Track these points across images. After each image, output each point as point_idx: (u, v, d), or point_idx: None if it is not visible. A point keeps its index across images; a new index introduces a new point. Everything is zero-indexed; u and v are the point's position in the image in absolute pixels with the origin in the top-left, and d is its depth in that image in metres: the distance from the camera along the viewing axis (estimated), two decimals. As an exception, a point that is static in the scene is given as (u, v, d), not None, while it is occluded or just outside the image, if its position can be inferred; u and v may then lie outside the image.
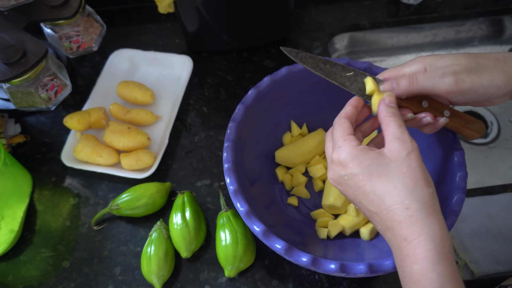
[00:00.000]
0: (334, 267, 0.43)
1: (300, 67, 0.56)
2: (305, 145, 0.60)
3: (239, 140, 0.53)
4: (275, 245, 0.45)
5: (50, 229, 0.60)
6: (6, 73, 0.51)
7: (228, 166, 0.50)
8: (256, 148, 0.59)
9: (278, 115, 0.61)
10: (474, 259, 0.57)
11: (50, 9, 0.57)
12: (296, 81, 0.57)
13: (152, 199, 0.58)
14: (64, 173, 0.64)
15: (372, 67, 0.55)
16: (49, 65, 0.56)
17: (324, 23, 0.80)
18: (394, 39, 0.86)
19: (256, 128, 0.57)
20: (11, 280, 0.56)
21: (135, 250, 0.58)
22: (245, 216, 0.46)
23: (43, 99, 0.57)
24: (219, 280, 0.55)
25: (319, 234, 0.56)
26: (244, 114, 0.53)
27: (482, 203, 0.62)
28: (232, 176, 0.49)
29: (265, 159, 0.61)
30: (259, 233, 0.45)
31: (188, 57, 0.71)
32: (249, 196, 0.52)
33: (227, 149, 0.51)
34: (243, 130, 0.54)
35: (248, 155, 0.56)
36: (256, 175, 0.58)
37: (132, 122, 0.66)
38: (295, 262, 0.45)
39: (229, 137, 0.52)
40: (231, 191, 0.48)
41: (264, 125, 0.59)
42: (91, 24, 0.65)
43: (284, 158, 0.60)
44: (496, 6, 0.83)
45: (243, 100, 0.54)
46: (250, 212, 0.47)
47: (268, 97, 0.56)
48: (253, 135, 0.57)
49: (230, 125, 0.52)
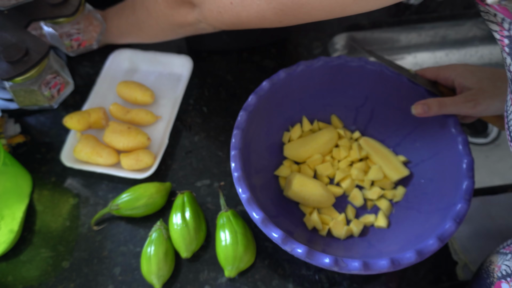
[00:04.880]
0: (329, 261, 0.44)
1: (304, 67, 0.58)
2: (314, 141, 0.61)
3: (244, 148, 0.53)
4: (272, 234, 0.46)
5: (50, 229, 0.60)
6: (9, 71, 0.51)
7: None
8: (265, 141, 0.60)
9: (289, 111, 0.62)
10: (474, 259, 0.57)
11: (51, 7, 0.57)
12: (308, 78, 0.59)
13: (152, 199, 0.58)
14: (64, 173, 0.64)
15: (368, 63, 0.58)
16: (51, 63, 0.56)
17: (324, 23, 0.80)
18: (394, 39, 0.86)
19: (263, 123, 0.59)
20: (11, 280, 0.56)
21: (135, 250, 0.58)
22: (246, 203, 0.47)
23: (46, 97, 0.57)
24: (219, 280, 0.55)
25: (307, 224, 0.57)
26: (248, 118, 0.54)
27: (482, 203, 0.62)
28: (238, 163, 0.50)
29: (273, 152, 0.62)
30: (258, 220, 0.47)
31: (188, 57, 0.71)
32: (252, 185, 0.52)
33: (235, 158, 0.51)
34: (252, 122, 0.55)
35: (255, 147, 0.57)
36: (262, 166, 0.58)
37: (132, 122, 0.66)
38: (291, 252, 0.46)
39: (235, 146, 0.52)
40: (235, 177, 0.49)
41: (273, 121, 0.60)
42: (91, 22, 0.64)
43: (292, 152, 0.61)
44: (496, 6, 0.83)
45: (245, 106, 0.55)
46: (251, 199, 0.47)
47: (281, 91, 0.58)
48: (261, 128, 0.58)
49: (234, 133, 0.53)
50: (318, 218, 0.56)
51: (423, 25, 0.84)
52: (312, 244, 0.52)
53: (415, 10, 0.83)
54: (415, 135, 0.59)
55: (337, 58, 0.58)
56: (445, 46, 0.89)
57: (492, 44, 0.89)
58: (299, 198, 0.57)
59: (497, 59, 0.89)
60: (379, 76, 0.58)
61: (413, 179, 0.58)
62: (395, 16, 0.82)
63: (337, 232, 0.55)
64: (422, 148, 0.58)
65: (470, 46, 0.89)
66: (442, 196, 0.52)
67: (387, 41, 0.86)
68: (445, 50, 0.89)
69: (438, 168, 0.55)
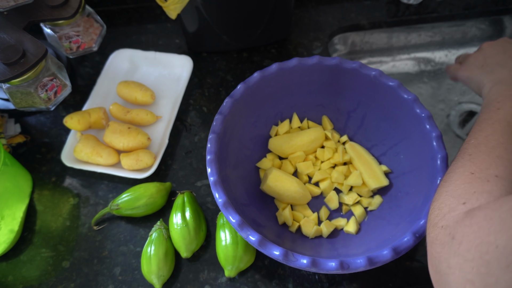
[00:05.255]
0: (306, 262, 0.44)
1: (290, 65, 0.58)
2: (300, 138, 0.61)
3: (224, 133, 0.54)
4: (249, 238, 0.46)
5: (50, 229, 0.60)
6: (5, 73, 0.51)
7: (211, 157, 0.51)
8: (251, 131, 0.60)
9: (280, 105, 0.62)
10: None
11: (50, 9, 0.57)
12: (297, 75, 0.59)
13: (152, 199, 0.58)
14: (64, 173, 0.64)
15: (362, 67, 0.57)
16: (49, 65, 0.56)
17: (324, 23, 0.80)
18: (394, 39, 0.86)
19: (251, 113, 0.59)
20: (11, 280, 0.56)
21: (135, 250, 0.58)
22: (223, 208, 0.47)
23: (43, 99, 0.57)
24: (219, 280, 0.55)
25: (278, 219, 0.57)
26: (233, 106, 0.55)
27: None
28: (214, 168, 0.50)
29: (258, 144, 0.62)
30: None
31: (188, 57, 0.71)
32: (224, 170, 0.53)
33: (211, 141, 0.52)
34: (238, 110, 0.56)
35: (239, 135, 0.58)
36: (245, 156, 0.59)
37: (132, 122, 0.66)
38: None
39: (214, 129, 0.53)
40: (211, 182, 0.49)
41: (261, 114, 0.61)
42: (91, 24, 0.64)
43: (276, 146, 0.61)
44: (496, 6, 0.83)
45: (232, 94, 0.56)
46: (228, 203, 0.48)
47: (273, 84, 0.59)
48: (247, 117, 0.59)
49: (216, 117, 0.54)
50: (289, 214, 0.56)
51: (422, 25, 0.84)
52: (280, 239, 0.52)
53: (415, 10, 0.83)
54: (400, 147, 0.58)
55: (332, 58, 0.58)
56: (445, 46, 0.89)
57: (492, 44, 0.89)
58: (274, 193, 0.58)
59: (497, 59, 0.89)
60: (373, 82, 0.58)
61: (391, 190, 0.58)
62: (395, 16, 0.82)
63: (306, 230, 0.56)
64: (405, 160, 0.58)
65: (470, 46, 0.89)
66: (412, 210, 0.51)
67: (387, 41, 0.86)
68: (445, 50, 0.89)
69: (415, 182, 0.54)
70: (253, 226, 0.48)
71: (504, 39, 0.55)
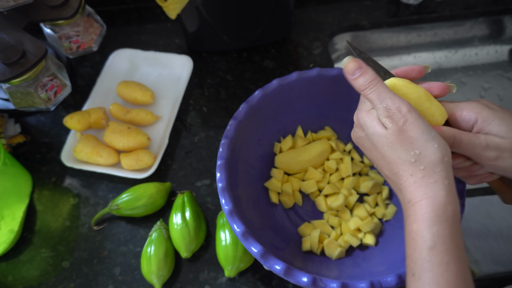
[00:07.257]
0: (307, 280, 0.43)
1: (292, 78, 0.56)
2: (307, 153, 0.60)
3: (231, 157, 0.52)
4: (251, 248, 0.45)
5: (50, 229, 0.60)
6: (5, 73, 0.51)
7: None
8: (256, 150, 0.59)
9: (283, 120, 0.61)
10: (474, 259, 0.57)
11: (50, 9, 0.57)
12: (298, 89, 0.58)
13: (152, 199, 0.58)
14: (64, 173, 0.64)
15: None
16: (49, 65, 0.56)
17: (324, 23, 0.80)
18: (394, 39, 0.86)
19: (255, 132, 0.58)
20: (11, 280, 0.56)
21: (135, 250, 0.58)
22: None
23: (43, 99, 0.57)
24: (219, 280, 0.55)
25: (303, 245, 0.55)
26: (238, 128, 0.53)
27: (482, 203, 0.62)
28: (223, 173, 0.49)
29: (263, 162, 0.60)
30: (238, 234, 0.46)
31: (188, 57, 0.71)
32: (237, 196, 0.52)
33: (220, 168, 0.50)
34: (242, 131, 0.54)
35: (245, 156, 0.56)
36: (252, 176, 0.58)
37: (132, 122, 0.66)
38: (269, 268, 0.45)
39: (222, 155, 0.51)
40: (219, 188, 0.48)
41: (266, 129, 0.59)
42: (91, 24, 0.64)
43: (284, 164, 0.60)
44: (496, 6, 0.83)
45: (235, 115, 0.54)
46: (234, 211, 0.47)
47: (274, 101, 0.57)
48: (252, 137, 0.57)
49: (222, 142, 0.52)
50: (316, 239, 0.55)
51: (422, 25, 0.84)
52: (303, 262, 0.51)
53: (415, 10, 0.83)
54: None
55: (332, 69, 0.56)
56: (445, 46, 0.89)
57: (492, 44, 0.89)
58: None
59: (496, 59, 0.89)
60: None
61: None
62: (395, 16, 0.82)
63: (330, 252, 0.54)
64: None
65: (469, 46, 0.89)
66: None
67: (387, 41, 0.86)
68: (445, 50, 0.89)
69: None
70: (272, 251, 0.46)
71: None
